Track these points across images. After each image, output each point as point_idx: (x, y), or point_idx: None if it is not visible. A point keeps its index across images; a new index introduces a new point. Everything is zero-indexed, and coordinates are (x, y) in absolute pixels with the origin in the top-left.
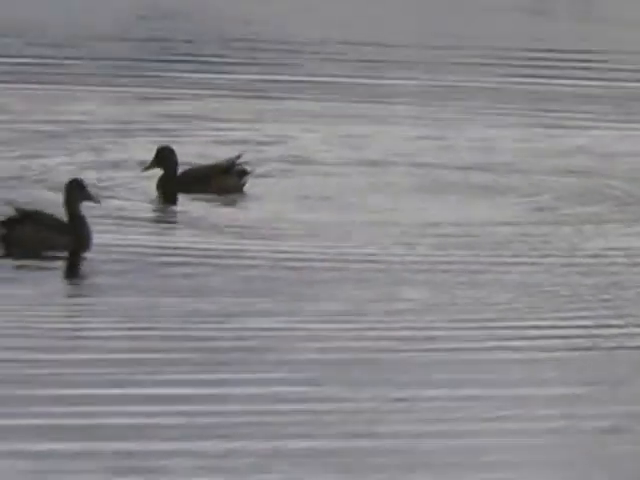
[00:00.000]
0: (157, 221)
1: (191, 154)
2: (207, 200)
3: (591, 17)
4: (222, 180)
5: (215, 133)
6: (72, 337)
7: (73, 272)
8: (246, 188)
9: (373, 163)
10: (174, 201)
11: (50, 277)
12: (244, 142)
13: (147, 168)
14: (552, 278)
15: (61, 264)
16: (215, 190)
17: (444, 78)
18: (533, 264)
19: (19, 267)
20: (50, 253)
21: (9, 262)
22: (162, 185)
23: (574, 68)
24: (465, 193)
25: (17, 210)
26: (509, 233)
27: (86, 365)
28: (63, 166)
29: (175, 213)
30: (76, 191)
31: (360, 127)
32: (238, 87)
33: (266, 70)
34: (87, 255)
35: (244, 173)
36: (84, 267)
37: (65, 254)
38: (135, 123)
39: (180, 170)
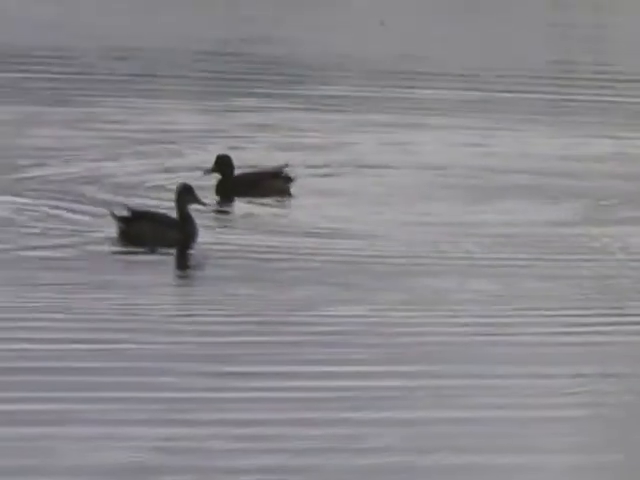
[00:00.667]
0: (220, 220)
1: (259, 159)
2: (261, 202)
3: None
4: (271, 184)
5: (285, 140)
6: (177, 322)
7: (182, 264)
8: (294, 191)
9: (426, 167)
10: (231, 202)
11: (161, 268)
12: (308, 148)
13: (207, 173)
14: (605, 274)
15: (171, 257)
16: (264, 193)
17: (481, 89)
18: (587, 260)
19: (135, 259)
20: (162, 247)
21: (126, 254)
22: (220, 188)
23: (593, 80)
24: (513, 196)
25: (132, 209)
26: (560, 233)
27: (189, 346)
28: (141, 168)
29: (235, 213)
30: (185, 194)
31: (412, 135)
32: (308, 101)
33: (332, 84)
34: (193, 250)
35: (289, 179)
36: (191, 260)
37: (175, 248)
38: (214, 132)
39: (235, 174)
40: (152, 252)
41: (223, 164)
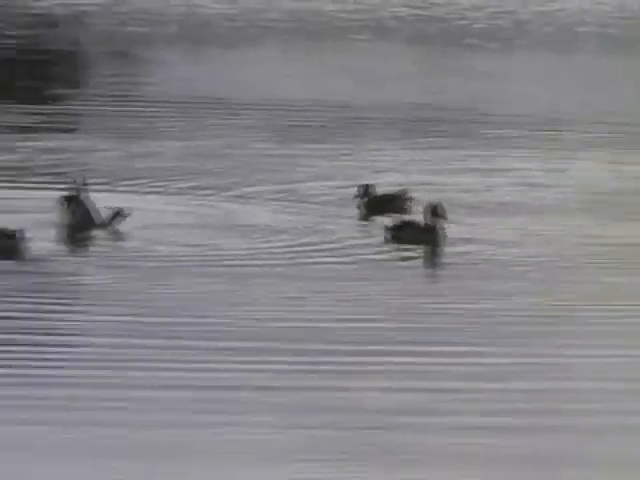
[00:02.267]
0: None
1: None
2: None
3: None
4: (400, 204)
5: (396, 179)
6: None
7: (434, 262)
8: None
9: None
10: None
11: (421, 266)
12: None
13: (357, 196)
14: None
15: (427, 256)
16: (396, 210)
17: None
18: None
19: (402, 256)
20: (420, 249)
21: (394, 254)
22: (367, 206)
23: None
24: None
25: (398, 219)
26: None
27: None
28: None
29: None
30: (431, 209)
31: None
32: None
33: (444, 132)
34: (441, 250)
35: (411, 199)
36: (442, 258)
37: (429, 250)
38: (333, 174)
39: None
40: (411, 251)
41: (365, 189)
